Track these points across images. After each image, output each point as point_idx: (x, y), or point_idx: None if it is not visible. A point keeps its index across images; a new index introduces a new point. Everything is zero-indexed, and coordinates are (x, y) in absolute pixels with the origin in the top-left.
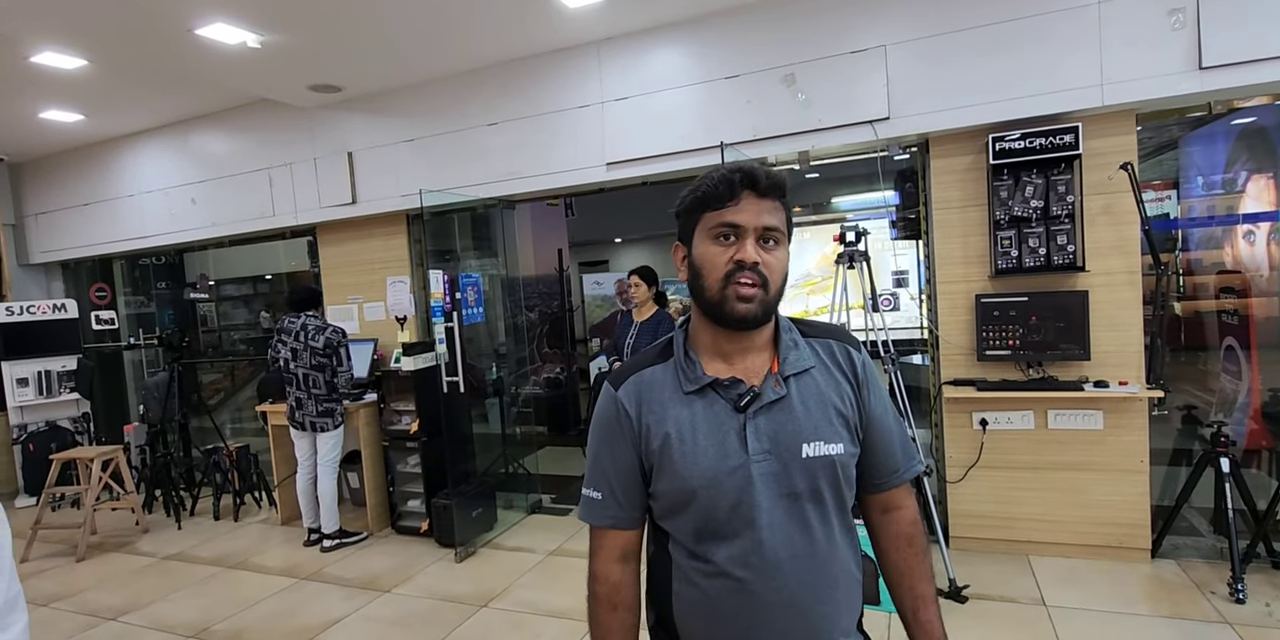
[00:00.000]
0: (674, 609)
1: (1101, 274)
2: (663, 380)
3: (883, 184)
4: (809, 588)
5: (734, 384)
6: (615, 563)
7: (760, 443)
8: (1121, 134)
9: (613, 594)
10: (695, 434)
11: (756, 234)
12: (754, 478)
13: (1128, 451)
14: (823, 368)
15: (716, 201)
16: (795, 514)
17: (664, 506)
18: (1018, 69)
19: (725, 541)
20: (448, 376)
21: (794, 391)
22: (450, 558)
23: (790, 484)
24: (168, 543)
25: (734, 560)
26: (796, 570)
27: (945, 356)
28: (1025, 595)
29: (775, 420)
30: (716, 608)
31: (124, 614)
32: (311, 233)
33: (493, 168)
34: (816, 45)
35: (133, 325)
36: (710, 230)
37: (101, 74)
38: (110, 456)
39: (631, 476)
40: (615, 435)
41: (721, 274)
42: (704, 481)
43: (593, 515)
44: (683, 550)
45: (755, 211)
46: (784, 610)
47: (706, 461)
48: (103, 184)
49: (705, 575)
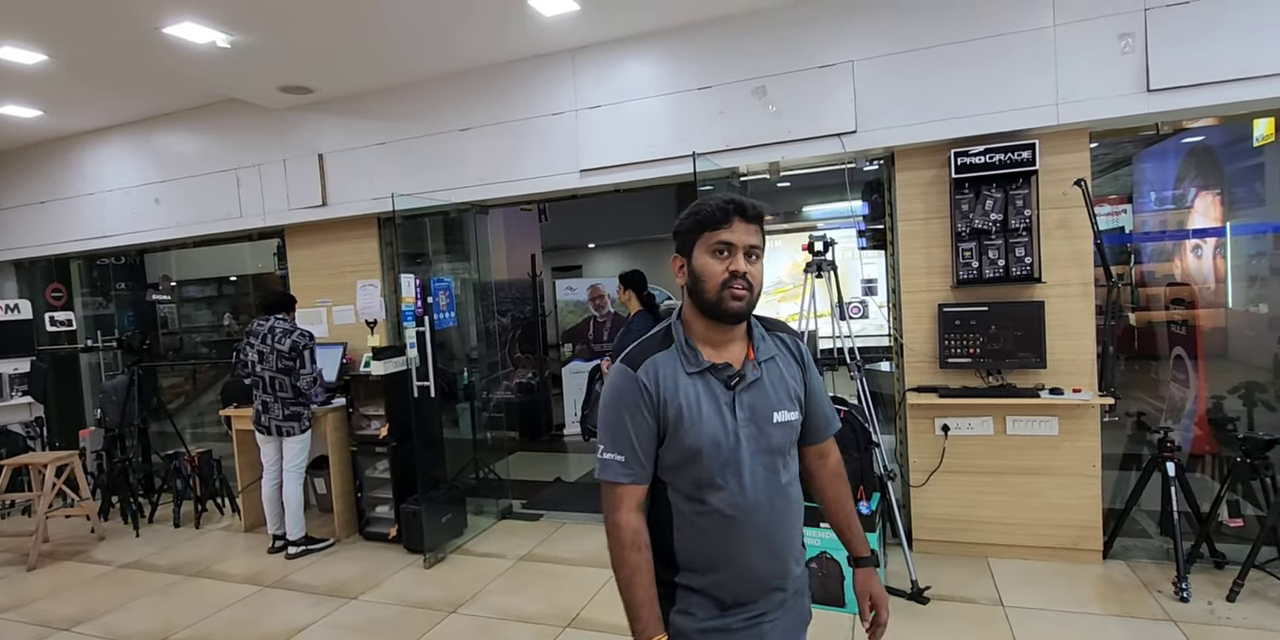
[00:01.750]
0: (675, 542)
1: (1057, 285)
2: (669, 362)
3: (850, 195)
4: (777, 518)
5: (725, 368)
6: (634, 512)
7: (744, 412)
8: (1076, 151)
9: (636, 537)
10: (700, 406)
11: (744, 251)
12: (742, 439)
13: (1081, 456)
14: (782, 355)
15: (715, 224)
16: (769, 465)
17: (670, 462)
18: (979, 87)
19: (718, 488)
20: (418, 381)
21: (765, 374)
22: (419, 564)
23: (766, 443)
24: (125, 551)
25: (725, 502)
26: (769, 506)
27: (909, 364)
28: (984, 596)
29: (754, 395)
30: (710, 539)
31: (78, 624)
32: (280, 235)
33: (466, 173)
34: (787, 59)
35: (90, 327)
36: (709, 246)
37: (63, 70)
38: (65, 462)
39: (649, 440)
40: (638, 406)
41: (720, 281)
42: (709, 442)
43: (616, 474)
44: (681, 496)
45: (744, 233)
46: (761, 534)
47: (710, 427)
48: (61, 182)
49: (701, 514)
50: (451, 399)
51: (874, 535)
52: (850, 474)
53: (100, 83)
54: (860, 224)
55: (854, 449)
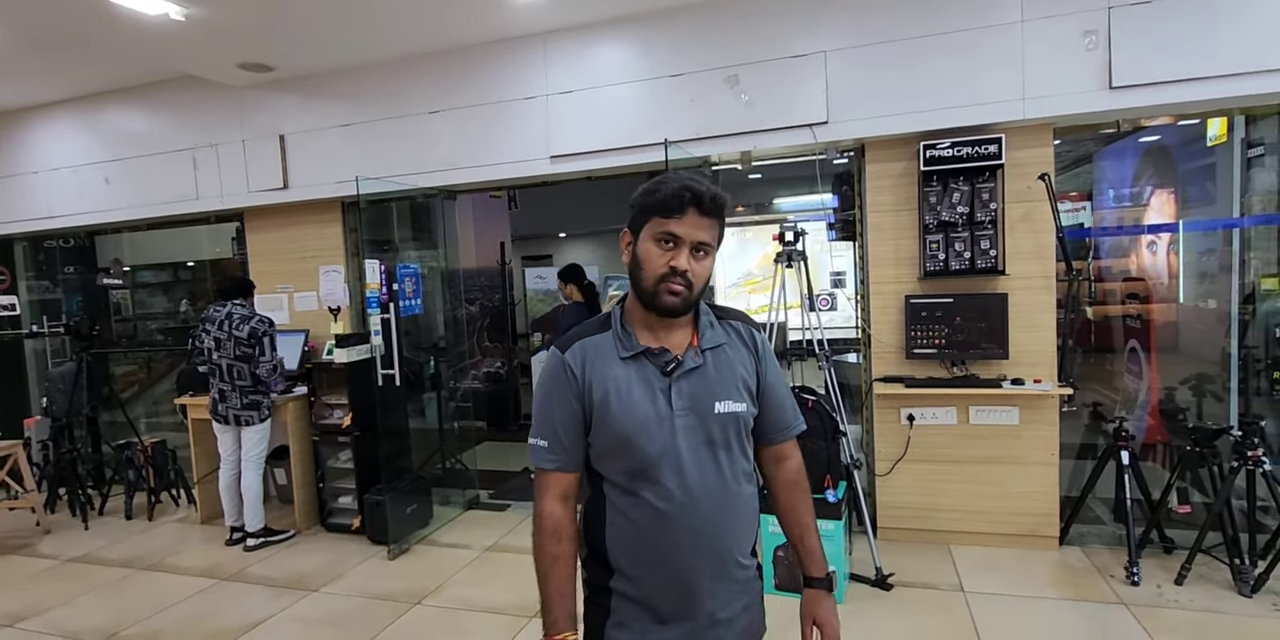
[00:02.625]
0: (606, 539)
1: (1020, 278)
2: (603, 346)
3: (821, 186)
4: (718, 517)
5: (662, 352)
6: (558, 501)
7: (682, 400)
8: (1040, 146)
9: (557, 527)
10: (630, 391)
11: (691, 245)
12: (677, 429)
13: (1040, 445)
14: (732, 344)
15: (665, 211)
16: (709, 458)
17: (600, 450)
18: (948, 80)
19: (652, 481)
20: (383, 369)
21: (709, 361)
22: (383, 555)
23: (706, 434)
24: (73, 544)
25: (659, 495)
26: (709, 503)
27: (876, 355)
28: (945, 582)
29: (694, 383)
30: (644, 535)
31: (22, 620)
32: (239, 218)
33: (434, 157)
34: (759, 48)
35: (36, 312)
36: (655, 234)
37: (3, 39)
38: (7, 452)
39: (575, 425)
40: (563, 390)
41: (658, 274)
42: (636, 429)
43: (541, 459)
44: (616, 488)
45: (694, 227)
46: (697, 533)
47: (639, 413)
48: (4, 158)
49: (635, 507)
50: (418, 388)
51: (840, 523)
52: (818, 463)
53: (45, 55)
54: (830, 216)
55: (821, 438)
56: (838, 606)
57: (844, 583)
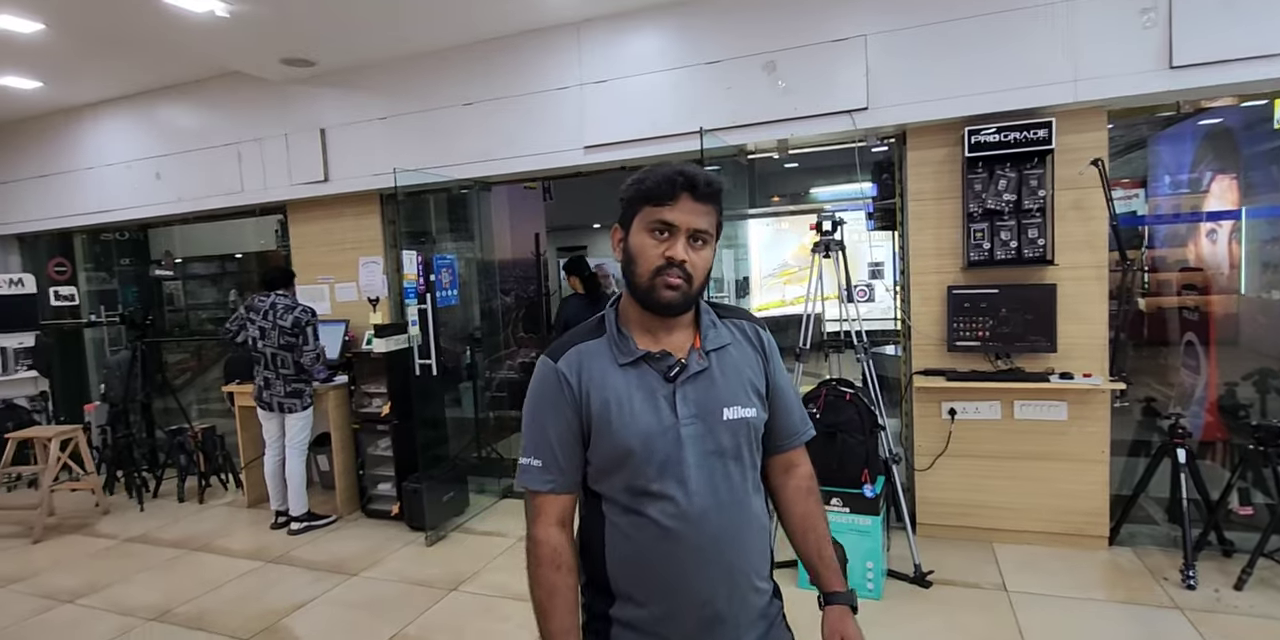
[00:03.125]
0: (607, 563)
1: (1069, 268)
2: (599, 352)
3: (860, 175)
4: (728, 534)
5: (664, 356)
6: (555, 526)
7: (688, 408)
8: (1093, 130)
9: (554, 555)
10: (631, 400)
11: (688, 234)
12: (683, 438)
13: (1089, 442)
14: (738, 344)
15: (658, 199)
16: (719, 469)
17: (600, 466)
18: (995, 63)
19: (656, 496)
20: (420, 359)
21: (714, 364)
22: (420, 541)
23: (714, 443)
24: (129, 525)
25: (664, 513)
26: (719, 519)
27: (917, 347)
28: (988, 581)
29: (699, 388)
30: (649, 557)
31: (81, 596)
32: (281, 211)
33: (469, 148)
34: (798, 33)
35: (94, 302)
36: (647, 224)
37: (61, 39)
38: (69, 436)
39: (572, 441)
40: (558, 402)
41: (653, 266)
42: (640, 441)
43: (533, 481)
44: (616, 507)
45: (690, 213)
46: (708, 554)
47: (642, 423)
48: (62, 155)
49: (638, 527)
50: (455, 377)
51: (878, 518)
52: (855, 457)
53: (99, 53)
54: (869, 206)
55: (859, 432)
56: (876, 603)
57: (881, 579)
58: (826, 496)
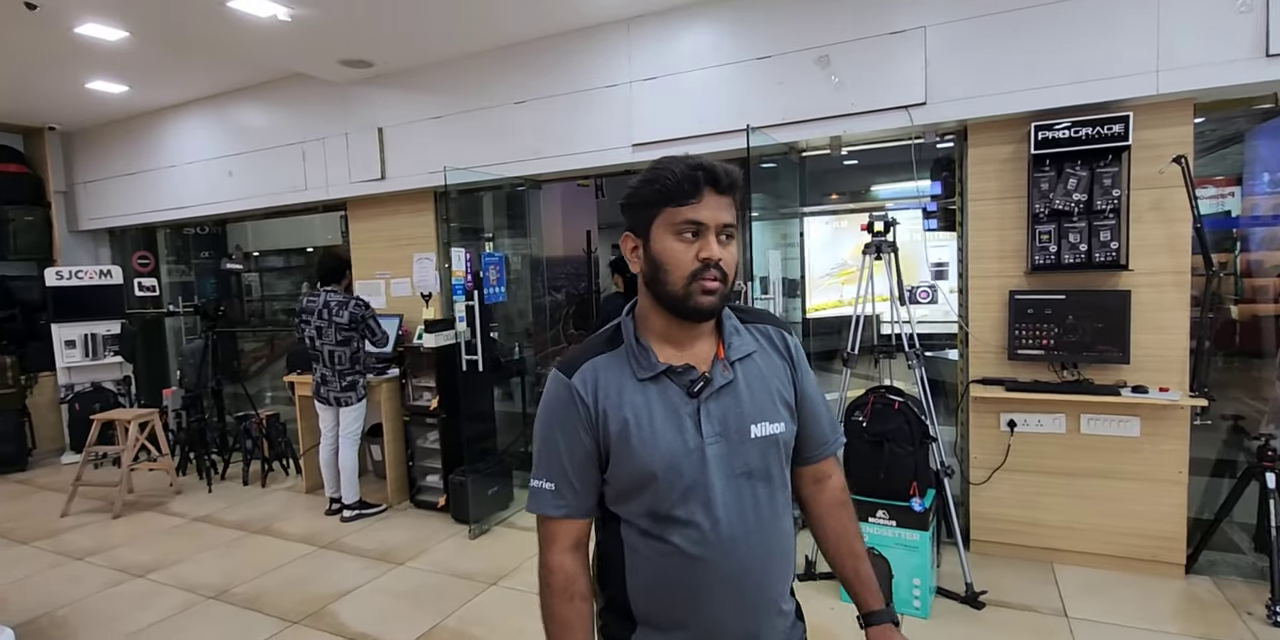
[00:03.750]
0: (628, 590)
1: (1146, 273)
2: (616, 366)
3: (917, 173)
4: (756, 560)
5: (686, 370)
6: (568, 552)
7: (712, 426)
8: (1176, 125)
9: (569, 585)
10: (652, 419)
11: (717, 231)
12: (708, 459)
13: (1165, 461)
14: (763, 351)
15: (681, 197)
16: (746, 492)
17: (619, 490)
18: (1066, 53)
19: (680, 522)
20: (467, 355)
21: (740, 375)
22: (464, 534)
23: (742, 464)
24: (198, 505)
25: (689, 540)
26: (748, 546)
27: (974, 354)
28: (1046, 605)
29: (724, 404)
30: (673, 584)
31: (152, 572)
32: (343, 207)
33: (520, 147)
34: (853, 26)
35: (175, 293)
36: (673, 226)
37: (142, 45)
38: (147, 419)
39: (587, 463)
40: (572, 422)
41: (689, 271)
42: (664, 464)
43: (545, 506)
44: (636, 532)
45: (716, 209)
46: (735, 582)
47: (665, 444)
48: (147, 154)
49: (660, 555)
50: (503, 373)
51: (926, 534)
52: (904, 468)
53: (177, 58)
54: (930, 204)
55: (908, 442)
56: (922, 622)
57: (929, 597)
58: (872, 508)
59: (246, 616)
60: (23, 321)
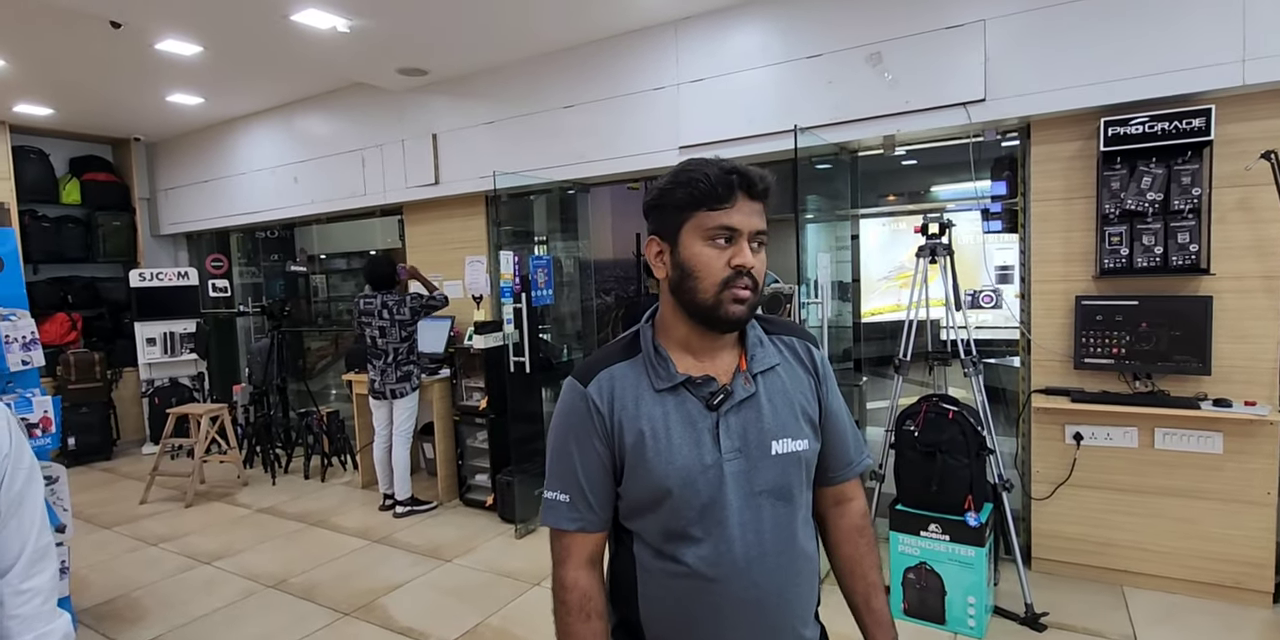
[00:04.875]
0: (640, 610)
1: (1230, 278)
2: (633, 376)
3: (975, 173)
4: (775, 584)
5: (706, 382)
6: (583, 568)
7: (732, 441)
8: (1266, 118)
9: (585, 602)
10: (669, 432)
11: (750, 237)
12: (726, 476)
13: (1252, 480)
14: (787, 364)
15: (715, 201)
16: (766, 511)
17: (632, 506)
18: (1138, 43)
19: (695, 541)
20: (515, 356)
21: (761, 389)
22: (511, 533)
23: (761, 481)
24: (263, 496)
25: (704, 560)
26: (765, 568)
27: (1037, 363)
28: (1115, 630)
29: (745, 418)
30: (685, 608)
31: (218, 559)
32: (399, 212)
33: (568, 150)
34: (907, 21)
35: (245, 294)
36: (704, 231)
37: (215, 59)
38: (217, 413)
39: (602, 476)
40: (586, 433)
41: (720, 278)
42: (680, 480)
43: (559, 519)
44: (649, 550)
45: (749, 214)
46: (752, 607)
47: (682, 460)
48: (220, 162)
49: (673, 576)
50: (552, 375)
51: (983, 550)
52: (958, 481)
53: (246, 70)
54: (995, 205)
55: (963, 454)
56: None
57: (985, 616)
58: (923, 521)
59: (302, 606)
60: (109, 320)
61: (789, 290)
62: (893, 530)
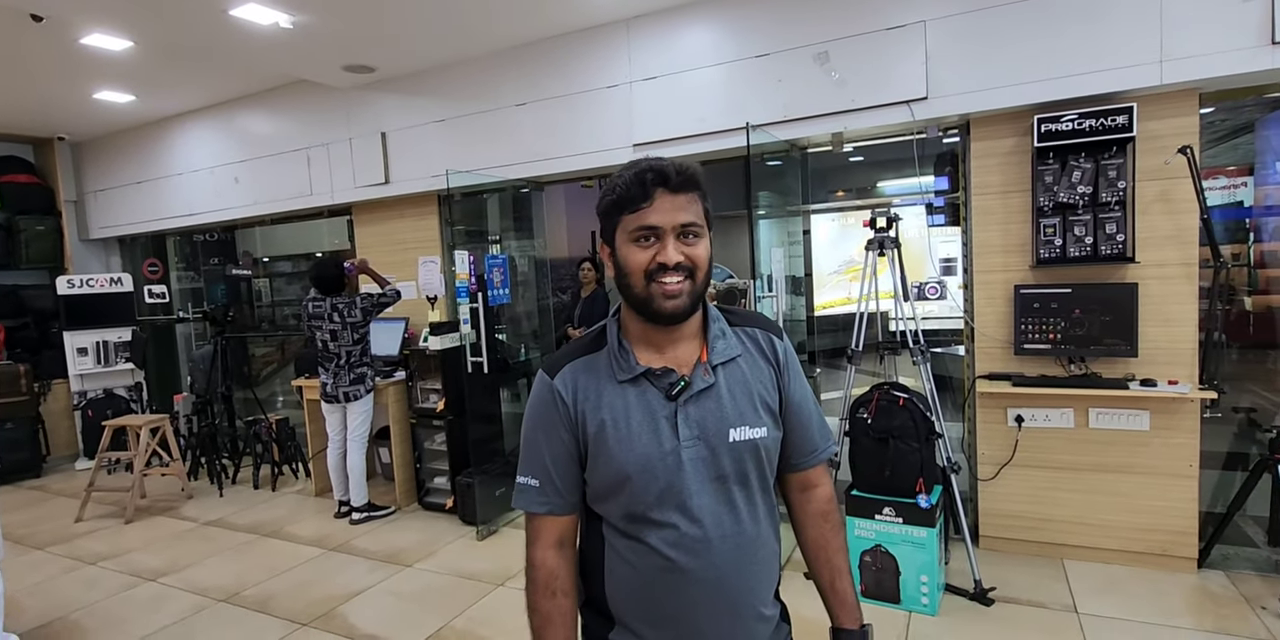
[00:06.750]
0: (606, 588)
1: (1154, 266)
2: (597, 368)
3: (919, 168)
4: (734, 565)
5: (666, 373)
6: (552, 549)
7: (690, 429)
8: (1182, 115)
9: (550, 580)
10: (629, 420)
11: (675, 232)
12: (684, 462)
13: (1176, 455)
14: (748, 355)
15: (632, 204)
16: (723, 496)
17: (597, 490)
18: (1068, 45)
19: (656, 523)
20: (472, 356)
21: (721, 380)
22: (472, 535)
23: (718, 467)
24: (209, 509)
25: (665, 541)
26: (724, 550)
27: (980, 350)
28: (1056, 601)
29: (704, 407)
30: (649, 586)
31: (163, 575)
32: (348, 212)
33: (521, 149)
34: (852, 21)
35: (185, 299)
36: (630, 233)
37: (147, 55)
38: (158, 424)
39: (568, 462)
40: (553, 422)
41: (644, 275)
42: (638, 466)
43: (529, 503)
44: (615, 532)
45: (671, 210)
46: (711, 586)
47: (640, 447)
48: (154, 162)
49: (638, 555)
50: (510, 374)
51: (934, 530)
52: (909, 465)
53: (182, 67)
54: (938, 199)
55: (914, 439)
56: (932, 619)
57: (938, 594)
58: (878, 505)
59: (257, 619)
60: (35, 330)
61: (744, 285)
62: (849, 515)
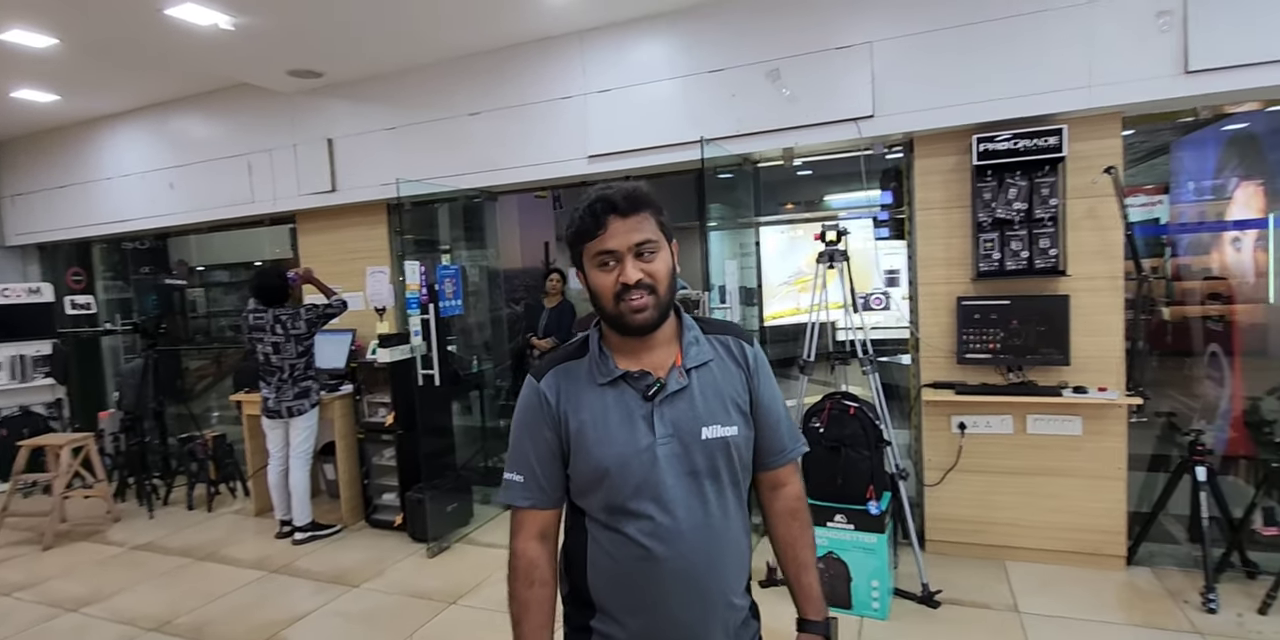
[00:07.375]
0: (589, 578)
1: (1084, 278)
2: (580, 372)
3: (866, 183)
4: (705, 554)
5: (642, 376)
6: (533, 540)
7: (665, 427)
8: (1107, 137)
9: (530, 570)
10: (608, 420)
11: (632, 252)
12: (659, 457)
13: (1106, 457)
14: (720, 360)
15: (589, 233)
16: (695, 489)
17: (580, 485)
18: (1004, 68)
19: (633, 515)
20: (424, 369)
21: (695, 382)
22: (422, 553)
23: (691, 463)
24: (138, 532)
25: (642, 532)
26: (695, 539)
27: (926, 359)
28: (999, 602)
29: (678, 408)
30: (628, 575)
31: (86, 605)
32: (292, 220)
33: (475, 158)
34: (802, 40)
35: (112, 310)
36: (593, 259)
37: (73, 54)
38: (80, 444)
39: (552, 459)
40: (538, 421)
41: (612, 296)
42: (616, 462)
43: (514, 497)
44: (598, 524)
45: (624, 232)
46: (684, 575)
47: (618, 444)
48: (80, 166)
49: (618, 546)
50: (462, 387)
51: (883, 536)
52: (860, 473)
53: (111, 67)
54: (883, 213)
55: (864, 447)
56: (882, 623)
57: (888, 598)
58: (830, 513)
59: None
60: None
61: (696, 296)
62: None
